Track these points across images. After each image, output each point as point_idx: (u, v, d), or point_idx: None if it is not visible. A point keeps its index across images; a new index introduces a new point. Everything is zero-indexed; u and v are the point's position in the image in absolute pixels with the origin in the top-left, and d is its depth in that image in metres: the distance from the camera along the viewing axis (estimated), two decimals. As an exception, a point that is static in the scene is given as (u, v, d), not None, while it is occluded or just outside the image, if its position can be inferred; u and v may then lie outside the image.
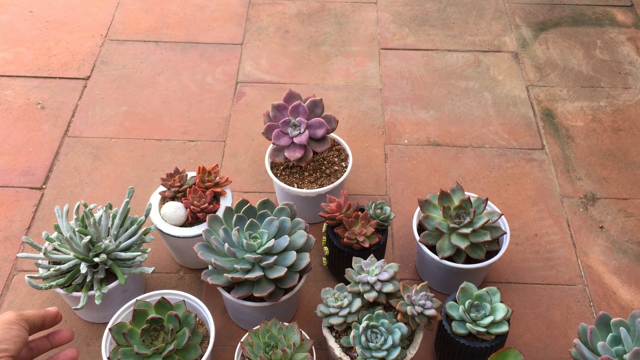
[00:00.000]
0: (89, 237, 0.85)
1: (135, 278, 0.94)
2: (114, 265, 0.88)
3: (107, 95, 1.33)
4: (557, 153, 1.23)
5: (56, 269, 0.87)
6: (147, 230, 0.93)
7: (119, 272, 0.87)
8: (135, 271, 0.90)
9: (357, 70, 1.41)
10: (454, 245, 0.91)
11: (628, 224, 1.11)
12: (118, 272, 0.87)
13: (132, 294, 0.92)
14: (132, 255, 0.88)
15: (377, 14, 1.56)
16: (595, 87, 1.38)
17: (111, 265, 0.88)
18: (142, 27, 1.51)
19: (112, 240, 0.88)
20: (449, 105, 1.33)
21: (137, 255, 0.88)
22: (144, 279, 1.00)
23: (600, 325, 0.78)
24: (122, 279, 0.86)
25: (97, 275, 0.87)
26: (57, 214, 0.90)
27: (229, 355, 0.92)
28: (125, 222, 0.93)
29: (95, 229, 0.87)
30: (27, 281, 0.85)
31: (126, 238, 0.91)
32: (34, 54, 1.42)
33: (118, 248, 0.89)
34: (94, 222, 0.87)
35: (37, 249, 0.88)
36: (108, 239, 0.88)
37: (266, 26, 1.52)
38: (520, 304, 0.99)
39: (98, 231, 0.88)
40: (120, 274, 0.87)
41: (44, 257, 0.87)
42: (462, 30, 1.52)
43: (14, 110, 1.29)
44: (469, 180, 1.17)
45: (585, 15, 1.57)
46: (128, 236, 0.91)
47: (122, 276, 0.86)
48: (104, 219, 0.90)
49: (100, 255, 0.85)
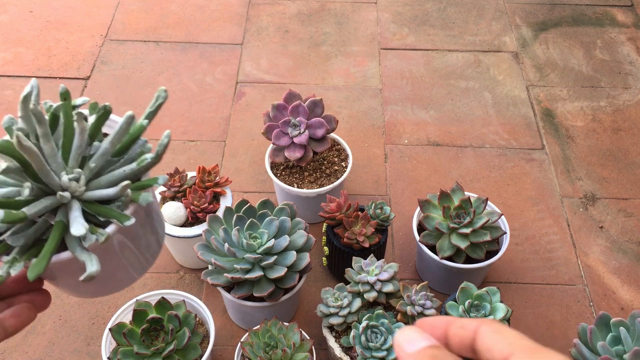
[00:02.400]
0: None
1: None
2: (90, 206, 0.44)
3: (107, 95, 1.33)
4: (557, 153, 1.23)
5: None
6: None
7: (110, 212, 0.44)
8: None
9: (357, 70, 1.41)
10: (454, 245, 0.91)
11: (628, 224, 1.11)
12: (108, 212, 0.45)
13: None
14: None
15: (377, 14, 1.56)
16: (595, 87, 1.38)
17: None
18: (142, 27, 1.51)
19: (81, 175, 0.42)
20: (449, 105, 1.33)
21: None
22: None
23: (600, 325, 0.78)
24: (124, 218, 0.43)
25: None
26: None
27: (229, 355, 0.92)
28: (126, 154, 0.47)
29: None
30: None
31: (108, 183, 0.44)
32: (34, 54, 1.42)
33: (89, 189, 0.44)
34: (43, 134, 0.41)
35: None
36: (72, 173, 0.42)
37: (266, 26, 1.52)
38: (520, 304, 0.99)
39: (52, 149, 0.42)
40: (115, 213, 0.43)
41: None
42: (462, 30, 1.52)
43: (14, 110, 1.29)
44: (469, 180, 1.17)
45: (585, 15, 1.57)
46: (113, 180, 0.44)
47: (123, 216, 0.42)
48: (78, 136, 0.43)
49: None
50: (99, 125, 0.44)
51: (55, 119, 0.42)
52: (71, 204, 0.41)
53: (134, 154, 0.44)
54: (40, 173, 0.39)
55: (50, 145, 0.40)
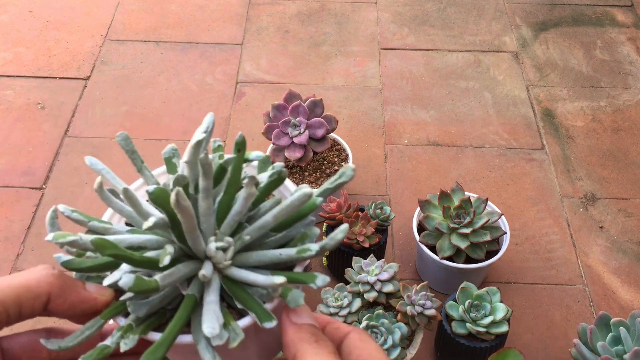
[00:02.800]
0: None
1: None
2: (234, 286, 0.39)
3: (107, 95, 1.33)
4: (557, 153, 1.23)
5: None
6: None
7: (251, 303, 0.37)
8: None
9: (357, 70, 1.41)
10: (454, 245, 0.91)
11: (628, 224, 1.11)
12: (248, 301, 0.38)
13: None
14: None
15: (377, 14, 1.56)
16: (595, 87, 1.38)
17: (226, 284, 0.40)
18: (142, 27, 1.51)
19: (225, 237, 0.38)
20: (449, 105, 1.33)
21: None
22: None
23: (600, 325, 0.78)
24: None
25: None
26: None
27: None
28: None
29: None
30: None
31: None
32: (34, 54, 1.42)
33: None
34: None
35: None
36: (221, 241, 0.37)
37: (266, 26, 1.52)
38: (520, 304, 0.99)
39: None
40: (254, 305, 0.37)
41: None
42: (462, 30, 1.52)
43: (14, 110, 1.29)
44: (469, 180, 1.17)
45: (585, 15, 1.57)
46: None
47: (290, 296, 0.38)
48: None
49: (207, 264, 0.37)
50: (268, 192, 0.39)
51: (222, 172, 0.37)
52: (210, 280, 0.35)
53: (294, 233, 0.39)
54: (188, 236, 0.34)
55: (208, 203, 0.35)
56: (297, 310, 0.36)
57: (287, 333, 0.35)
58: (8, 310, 0.32)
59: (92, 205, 1.11)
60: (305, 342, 0.34)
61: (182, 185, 0.34)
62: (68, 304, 0.35)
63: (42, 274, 0.34)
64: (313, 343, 0.34)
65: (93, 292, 0.35)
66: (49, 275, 0.34)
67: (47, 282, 0.34)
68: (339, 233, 0.36)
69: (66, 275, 0.35)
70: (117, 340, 0.34)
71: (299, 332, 0.35)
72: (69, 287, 0.35)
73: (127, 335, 0.34)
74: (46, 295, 0.34)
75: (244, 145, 0.37)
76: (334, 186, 0.38)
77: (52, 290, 0.34)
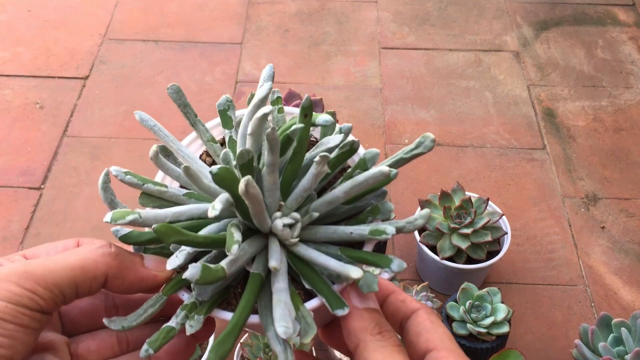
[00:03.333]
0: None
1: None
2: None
3: (106, 95, 1.32)
4: (559, 153, 1.23)
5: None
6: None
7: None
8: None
9: (357, 70, 1.40)
10: (454, 246, 0.91)
11: (630, 224, 1.10)
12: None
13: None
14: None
15: (377, 13, 1.55)
16: (596, 86, 1.37)
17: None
18: (141, 26, 1.50)
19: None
20: (449, 104, 1.32)
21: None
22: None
23: (602, 326, 0.78)
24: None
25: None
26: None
27: (228, 356, 0.91)
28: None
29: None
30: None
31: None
32: (32, 53, 1.42)
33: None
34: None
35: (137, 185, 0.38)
36: (288, 216, 0.35)
37: (266, 25, 1.51)
38: (521, 305, 0.99)
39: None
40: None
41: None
42: (462, 30, 1.51)
43: (13, 110, 1.29)
44: (470, 180, 1.17)
45: (586, 14, 1.57)
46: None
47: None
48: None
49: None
50: (339, 164, 0.36)
51: (288, 142, 0.34)
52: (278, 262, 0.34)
53: (365, 204, 0.36)
54: (255, 219, 0.33)
55: (274, 177, 0.33)
56: (360, 293, 0.33)
57: (350, 320, 0.33)
58: (64, 292, 0.31)
59: (92, 206, 1.10)
60: (368, 332, 0.32)
61: (247, 160, 0.31)
62: (127, 284, 0.33)
63: (99, 253, 0.33)
64: (377, 335, 0.32)
65: (152, 269, 0.34)
66: (105, 255, 0.33)
67: (104, 263, 0.32)
68: (419, 219, 0.34)
69: (124, 254, 0.34)
70: (181, 321, 0.33)
71: (361, 320, 0.33)
72: (127, 267, 0.33)
73: (192, 315, 0.33)
74: (103, 276, 0.32)
75: (310, 110, 0.34)
76: (409, 156, 0.36)
77: (109, 271, 0.32)
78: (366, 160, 0.36)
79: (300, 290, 0.35)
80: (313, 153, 0.36)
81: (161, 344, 0.32)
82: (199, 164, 0.38)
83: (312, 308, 0.33)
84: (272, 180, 0.33)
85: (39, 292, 0.30)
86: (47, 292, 0.30)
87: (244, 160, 0.31)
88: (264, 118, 0.32)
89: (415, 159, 0.36)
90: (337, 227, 0.35)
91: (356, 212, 0.36)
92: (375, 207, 0.36)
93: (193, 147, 0.42)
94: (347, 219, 0.36)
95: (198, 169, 0.37)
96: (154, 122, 0.38)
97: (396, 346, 0.32)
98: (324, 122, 0.36)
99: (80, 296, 0.32)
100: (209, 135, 0.40)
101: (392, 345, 0.31)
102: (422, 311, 0.34)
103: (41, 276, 0.30)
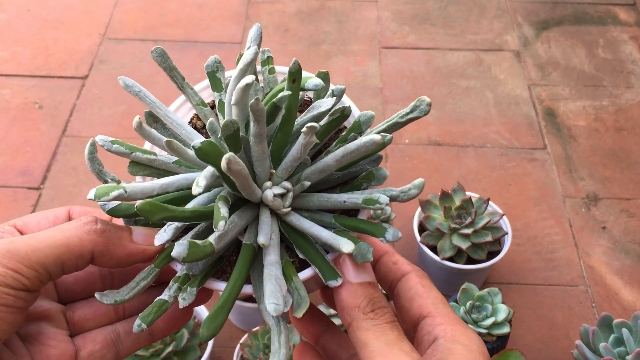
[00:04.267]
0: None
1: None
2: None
3: (106, 95, 1.32)
4: (559, 153, 1.22)
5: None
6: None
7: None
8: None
9: (357, 70, 1.40)
10: (455, 246, 0.90)
11: (630, 224, 1.10)
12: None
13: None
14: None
15: (377, 13, 1.55)
16: (597, 86, 1.37)
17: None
18: (141, 25, 1.50)
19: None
20: (450, 104, 1.32)
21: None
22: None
23: (603, 327, 0.78)
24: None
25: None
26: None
27: (228, 356, 0.91)
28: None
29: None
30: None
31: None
32: (31, 53, 1.42)
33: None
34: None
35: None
36: (279, 185, 0.35)
37: (266, 25, 1.51)
38: (522, 305, 0.98)
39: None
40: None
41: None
42: (463, 29, 1.51)
43: (12, 109, 1.29)
44: (470, 180, 1.16)
45: (587, 13, 1.57)
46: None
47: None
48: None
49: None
50: (330, 131, 0.35)
51: (275, 110, 0.33)
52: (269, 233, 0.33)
53: (359, 169, 0.35)
54: (243, 192, 0.32)
55: (262, 147, 0.32)
56: (355, 265, 0.32)
57: (342, 295, 0.32)
58: (49, 270, 0.31)
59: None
60: (361, 310, 0.31)
61: (232, 131, 0.31)
62: (115, 260, 0.33)
63: (85, 230, 0.32)
64: (369, 313, 0.31)
65: (141, 243, 0.33)
66: (91, 232, 0.32)
67: (90, 241, 0.32)
68: (413, 188, 0.33)
69: (111, 229, 0.33)
70: (174, 294, 0.32)
71: (354, 297, 0.31)
72: (114, 243, 0.32)
73: (184, 287, 0.32)
74: (89, 253, 0.32)
75: (299, 75, 0.33)
76: (404, 120, 0.35)
77: (95, 248, 0.32)
78: (361, 123, 0.35)
79: (295, 258, 0.34)
80: (305, 118, 0.35)
81: (154, 318, 0.32)
82: (187, 129, 0.36)
83: (306, 278, 0.33)
84: (260, 150, 0.32)
85: (23, 271, 0.29)
86: (31, 271, 0.30)
87: (229, 132, 0.30)
88: (247, 88, 0.31)
89: (410, 123, 0.35)
90: (331, 195, 0.34)
91: (351, 178, 0.36)
92: (370, 173, 0.35)
93: (182, 111, 0.41)
94: (342, 184, 0.36)
95: (185, 137, 0.36)
96: (140, 87, 0.37)
97: (389, 323, 0.31)
98: (314, 86, 0.35)
99: (67, 273, 0.32)
100: (198, 98, 0.39)
101: (385, 322, 0.31)
102: (413, 274, 0.34)
103: (25, 255, 0.30)
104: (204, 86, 0.40)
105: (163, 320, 0.35)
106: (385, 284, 0.35)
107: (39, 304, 0.34)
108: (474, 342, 0.30)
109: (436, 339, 0.31)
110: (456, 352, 0.30)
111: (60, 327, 0.34)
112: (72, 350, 0.33)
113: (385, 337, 0.30)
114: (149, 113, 0.37)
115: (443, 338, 0.31)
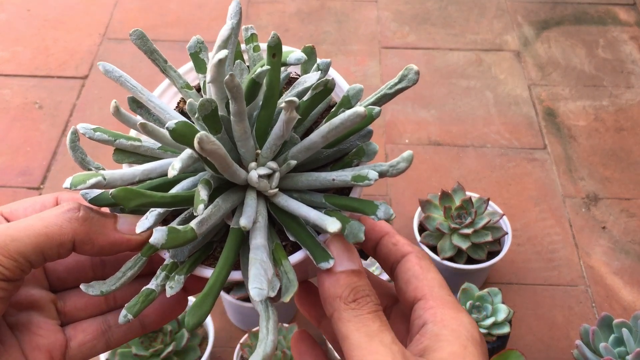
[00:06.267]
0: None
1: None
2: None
3: (106, 95, 1.32)
4: (559, 153, 1.22)
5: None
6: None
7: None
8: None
9: (357, 69, 1.40)
10: (455, 246, 0.90)
11: (631, 224, 1.10)
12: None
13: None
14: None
15: (377, 13, 1.55)
16: (597, 86, 1.37)
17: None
18: (141, 25, 1.50)
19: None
20: (450, 104, 1.32)
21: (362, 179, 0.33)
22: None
23: (603, 327, 0.78)
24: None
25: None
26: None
27: (228, 356, 0.91)
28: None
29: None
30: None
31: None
32: (31, 52, 1.42)
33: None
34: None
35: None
36: (264, 166, 0.34)
37: (266, 25, 1.51)
38: (522, 305, 0.98)
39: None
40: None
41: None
42: (463, 29, 1.51)
43: (12, 109, 1.29)
44: (470, 180, 1.16)
45: (587, 13, 1.56)
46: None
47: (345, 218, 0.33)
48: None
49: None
50: (314, 106, 0.34)
51: (255, 87, 0.31)
52: (256, 214, 0.31)
53: (349, 145, 0.34)
54: (223, 172, 0.30)
55: (243, 126, 0.31)
56: (340, 250, 0.31)
57: (324, 285, 0.30)
58: (29, 259, 0.30)
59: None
60: (342, 301, 0.30)
61: (210, 110, 0.29)
62: (97, 249, 0.32)
63: (65, 218, 0.30)
64: (351, 303, 0.30)
65: (126, 232, 0.32)
66: (72, 220, 0.31)
67: (71, 229, 0.30)
68: (402, 162, 0.32)
69: (93, 218, 0.31)
70: (162, 282, 0.31)
71: (336, 287, 0.30)
72: (96, 231, 0.31)
73: (172, 275, 0.31)
74: (70, 242, 0.31)
75: (279, 49, 0.31)
76: (393, 92, 0.33)
77: (76, 237, 0.31)
78: (350, 97, 0.34)
79: (287, 241, 0.33)
80: (290, 95, 0.34)
81: (140, 308, 0.31)
82: (172, 113, 0.35)
83: (297, 261, 0.32)
84: (241, 129, 0.31)
85: (2, 261, 0.29)
86: (10, 261, 0.29)
87: (206, 112, 0.29)
88: (221, 64, 0.29)
89: (400, 93, 0.34)
90: (320, 174, 0.33)
91: (342, 155, 0.34)
92: (360, 149, 0.33)
93: (168, 96, 0.39)
94: (333, 162, 0.35)
95: (166, 119, 0.35)
96: (120, 72, 0.35)
97: (372, 313, 0.30)
98: (296, 60, 0.33)
99: (49, 261, 0.31)
100: (182, 81, 0.37)
101: (367, 312, 0.30)
102: (413, 255, 0.33)
103: (3, 245, 0.29)
104: (188, 69, 0.39)
105: (154, 310, 0.34)
106: (386, 265, 0.35)
107: (29, 292, 0.33)
108: (463, 327, 0.29)
109: (425, 323, 0.30)
110: (443, 339, 0.29)
111: (50, 316, 0.33)
112: (62, 340, 0.33)
113: (367, 328, 0.29)
114: (132, 98, 0.35)
115: (432, 322, 0.30)
